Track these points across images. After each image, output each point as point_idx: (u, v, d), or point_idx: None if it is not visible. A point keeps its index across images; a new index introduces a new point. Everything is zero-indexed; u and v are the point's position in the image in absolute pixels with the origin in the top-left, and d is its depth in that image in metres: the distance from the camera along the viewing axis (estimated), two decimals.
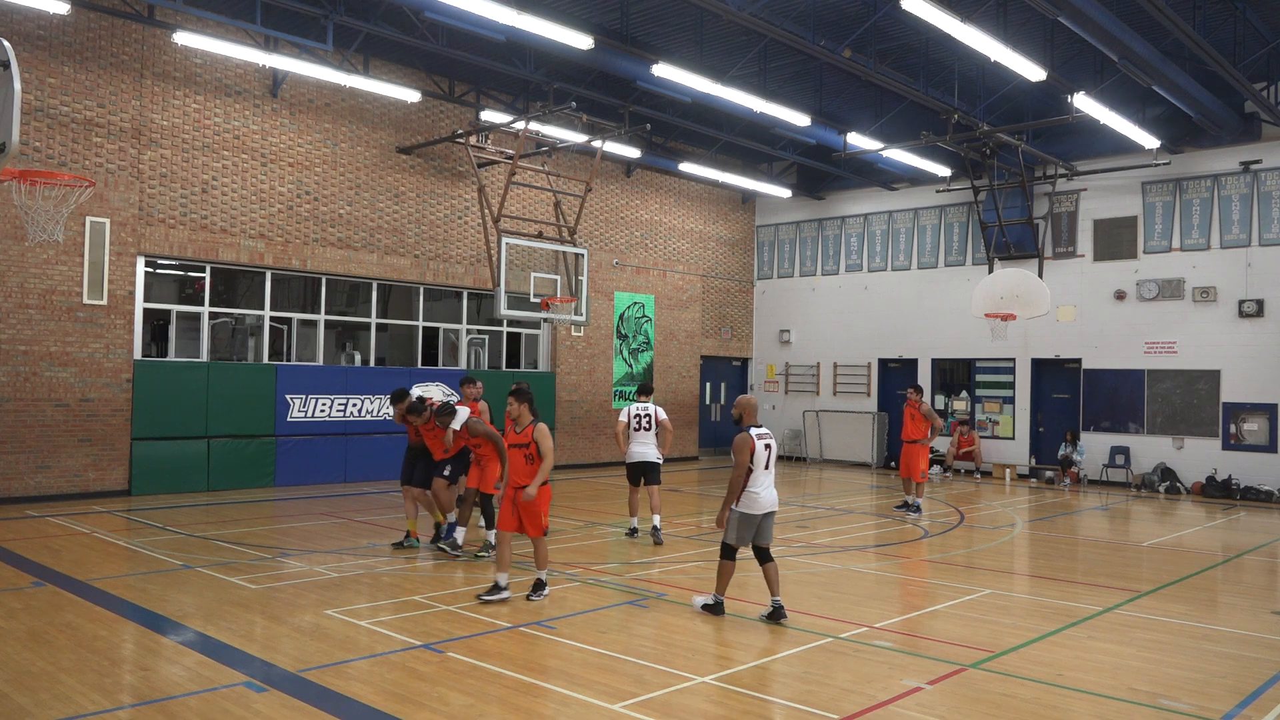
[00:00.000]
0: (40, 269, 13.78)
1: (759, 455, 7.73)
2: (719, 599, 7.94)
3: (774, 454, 7.90)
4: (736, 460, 7.73)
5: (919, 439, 14.45)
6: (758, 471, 7.73)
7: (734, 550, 7.89)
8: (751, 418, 7.96)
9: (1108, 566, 10.93)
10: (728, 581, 7.95)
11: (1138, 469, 19.27)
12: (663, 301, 23.27)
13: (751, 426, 7.86)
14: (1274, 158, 18.19)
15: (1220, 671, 6.72)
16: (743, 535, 7.81)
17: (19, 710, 5.46)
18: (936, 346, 22.36)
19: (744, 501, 7.75)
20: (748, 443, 7.71)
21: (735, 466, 7.73)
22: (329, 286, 17.44)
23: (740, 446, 7.73)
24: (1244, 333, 18.26)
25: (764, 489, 7.77)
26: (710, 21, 15.26)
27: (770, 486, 7.86)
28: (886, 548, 11.83)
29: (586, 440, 21.40)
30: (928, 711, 5.72)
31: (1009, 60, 13.32)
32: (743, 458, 7.70)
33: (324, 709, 5.59)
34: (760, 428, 7.89)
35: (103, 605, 7.91)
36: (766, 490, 7.80)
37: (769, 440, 7.89)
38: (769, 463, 7.82)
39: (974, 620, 8.04)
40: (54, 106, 13.94)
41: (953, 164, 20.66)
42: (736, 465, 7.72)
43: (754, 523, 7.80)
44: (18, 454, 13.57)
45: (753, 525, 7.81)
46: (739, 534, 7.81)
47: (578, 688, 6.01)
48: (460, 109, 18.81)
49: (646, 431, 11.83)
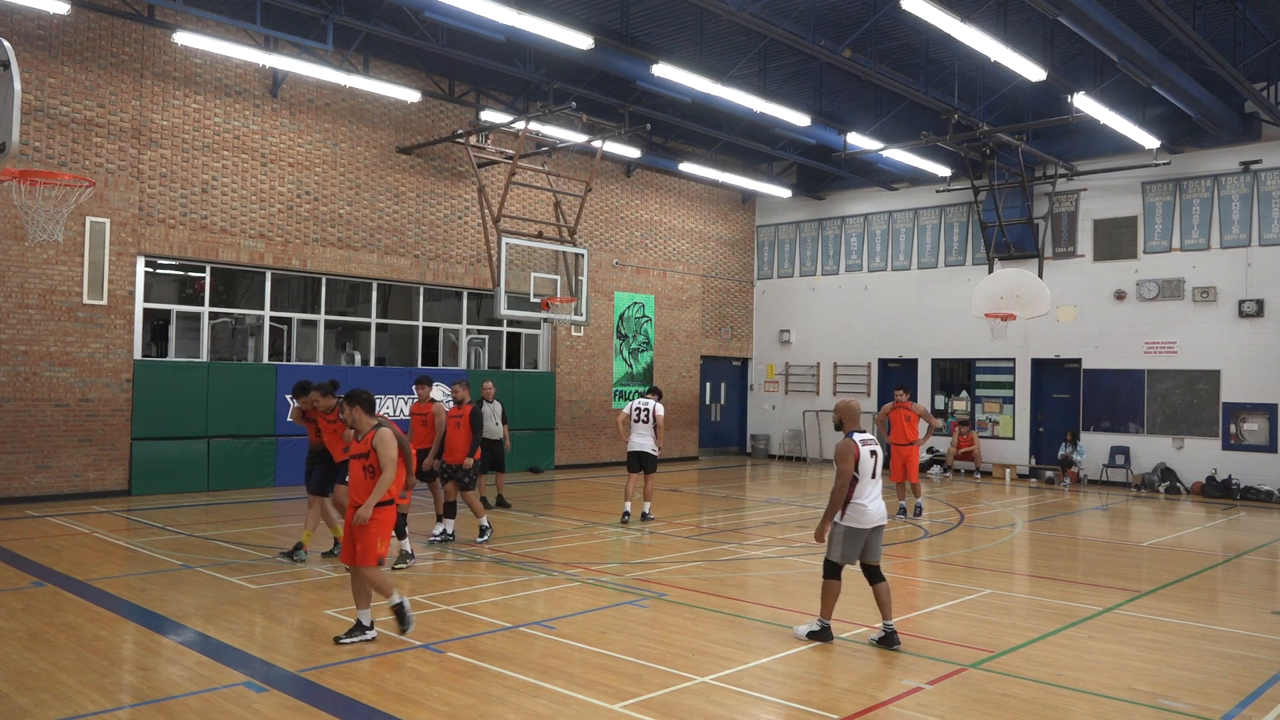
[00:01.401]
0: (40, 269, 13.78)
1: (864, 463, 7.12)
2: (825, 624, 7.22)
3: (879, 461, 7.25)
4: (840, 469, 7.08)
5: (915, 440, 14.06)
6: (864, 481, 7.10)
7: (838, 569, 7.20)
8: (853, 423, 7.36)
9: (1108, 566, 10.92)
10: (834, 603, 7.23)
11: (1138, 469, 19.26)
12: (663, 301, 23.27)
13: (854, 432, 7.24)
14: (1274, 158, 18.19)
15: (1220, 671, 6.72)
16: (849, 552, 7.14)
17: (19, 710, 5.46)
18: (936, 346, 22.36)
19: (850, 514, 7.11)
20: (851, 449, 7.10)
21: (838, 476, 7.10)
22: (329, 286, 17.44)
23: (843, 454, 7.10)
24: (1244, 333, 18.26)
25: (872, 500, 7.13)
26: (710, 21, 15.26)
27: (878, 498, 7.20)
28: (886, 548, 11.81)
29: (586, 440, 21.41)
30: (928, 711, 5.72)
31: (1009, 60, 13.32)
32: (846, 466, 7.07)
33: (324, 709, 5.59)
34: (864, 433, 7.26)
35: (103, 605, 7.91)
36: (874, 501, 7.15)
37: (874, 446, 7.24)
38: (876, 471, 7.18)
39: (974, 620, 8.04)
40: (54, 106, 13.94)
41: (953, 164, 20.66)
42: (839, 474, 7.09)
43: (862, 538, 7.13)
44: (18, 454, 13.57)
45: (860, 540, 7.13)
46: (844, 550, 7.13)
47: (578, 688, 6.01)
48: (460, 109, 18.81)
49: (645, 424, 12.89)
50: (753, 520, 14.10)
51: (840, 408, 7.50)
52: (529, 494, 16.13)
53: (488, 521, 11.27)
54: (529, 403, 19.87)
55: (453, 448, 10.82)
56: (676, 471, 20.85)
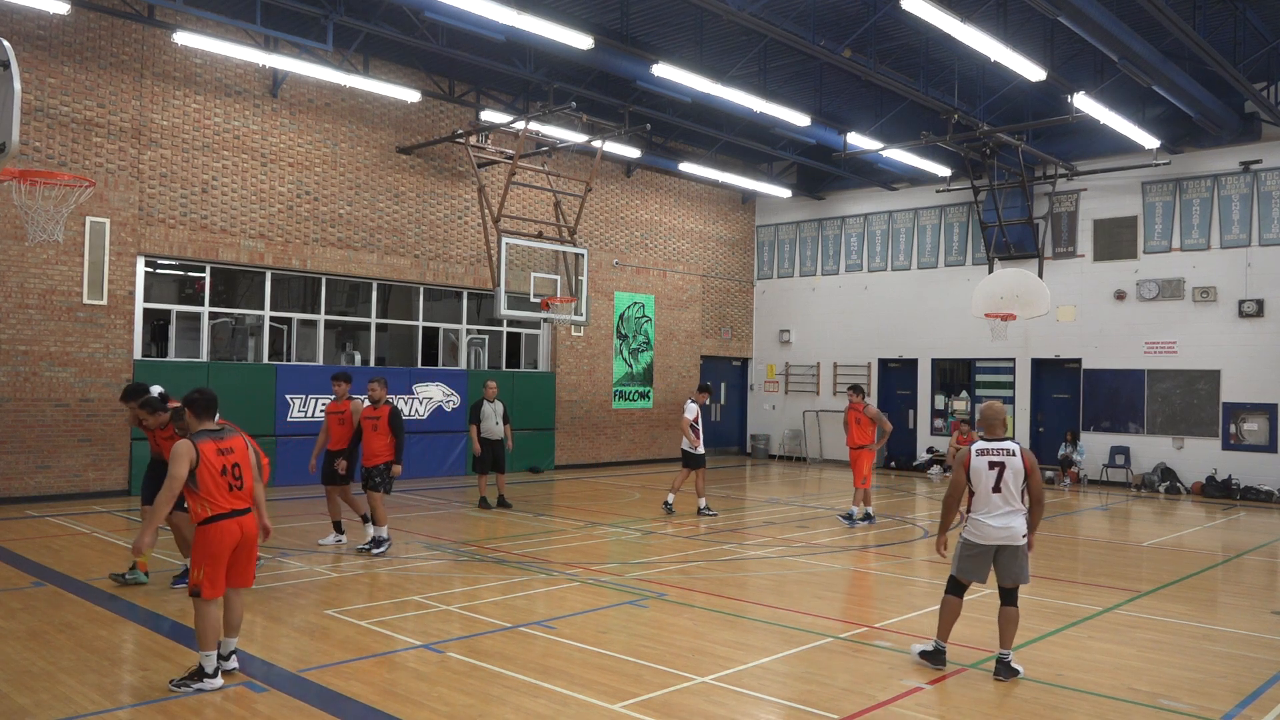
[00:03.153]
0: (40, 269, 13.78)
1: (977, 473, 6.52)
2: (939, 645, 6.64)
3: (1011, 473, 6.48)
4: (953, 478, 6.70)
5: (865, 444, 13.41)
6: (981, 494, 6.51)
7: (959, 585, 6.67)
8: (992, 429, 6.65)
9: (1108, 566, 10.92)
10: (950, 622, 6.65)
11: (1138, 469, 19.26)
12: (663, 301, 23.26)
13: (991, 440, 6.60)
14: (1274, 158, 18.19)
15: (1220, 671, 6.72)
16: (966, 568, 6.61)
17: (19, 710, 5.46)
18: (936, 346, 22.36)
19: (970, 528, 6.59)
20: (964, 458, 6.61)
21: (950, 484, 6.74)
22: (329, 286, 17.44)
23: (958, 461, 6.67)
24: (1244, 333, 18.26)
25: (991, 516, 6.48)
26: (710, 21, 15.26)
27: (1003, 514, 6.47)
28: (886, 548, 11.83)
29: (586, 440, 21.40)
30: (928, 711, 5.72)
31: (1009, 60, 13.31)
32: (957, 475, 6.64)
33: (324, 709, 5.59)
34: (998, 440, 6.57)
35: (103, 605, 7.91)
36: (996, 518, 6.47)
37: (1000, 457, 6.49)
38: (999, 484, 6.47)
39: (974, 620, 8.03)
40: (54, 106, 13.94)
41: (953, 164, 20.66)
42: (951, 483, 6.72)
43: (983, 555, 6.55)
44: (18, 454, 13.57)
45: (982, 558, 6.56)
46: (961, 566, 6.64)
47: (578, 688, 6.01)
48: (460, 109, 18.81)
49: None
50: (753, 520, 14.10)
51: (980, 410, 6.89)
52: (529, 494, 16.14)
53: (388, 534, 10.38)
54: (529, 403, 19.87)
55: (370, 451, 10.31)
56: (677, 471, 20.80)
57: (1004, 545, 6.50)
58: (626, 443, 22.35)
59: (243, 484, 6.07)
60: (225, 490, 5.95)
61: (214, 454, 5.95)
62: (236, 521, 5.97)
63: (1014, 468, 6.49)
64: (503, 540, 11.48)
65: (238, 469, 6.05)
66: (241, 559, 6.08)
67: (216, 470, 5.92)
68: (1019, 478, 6.50)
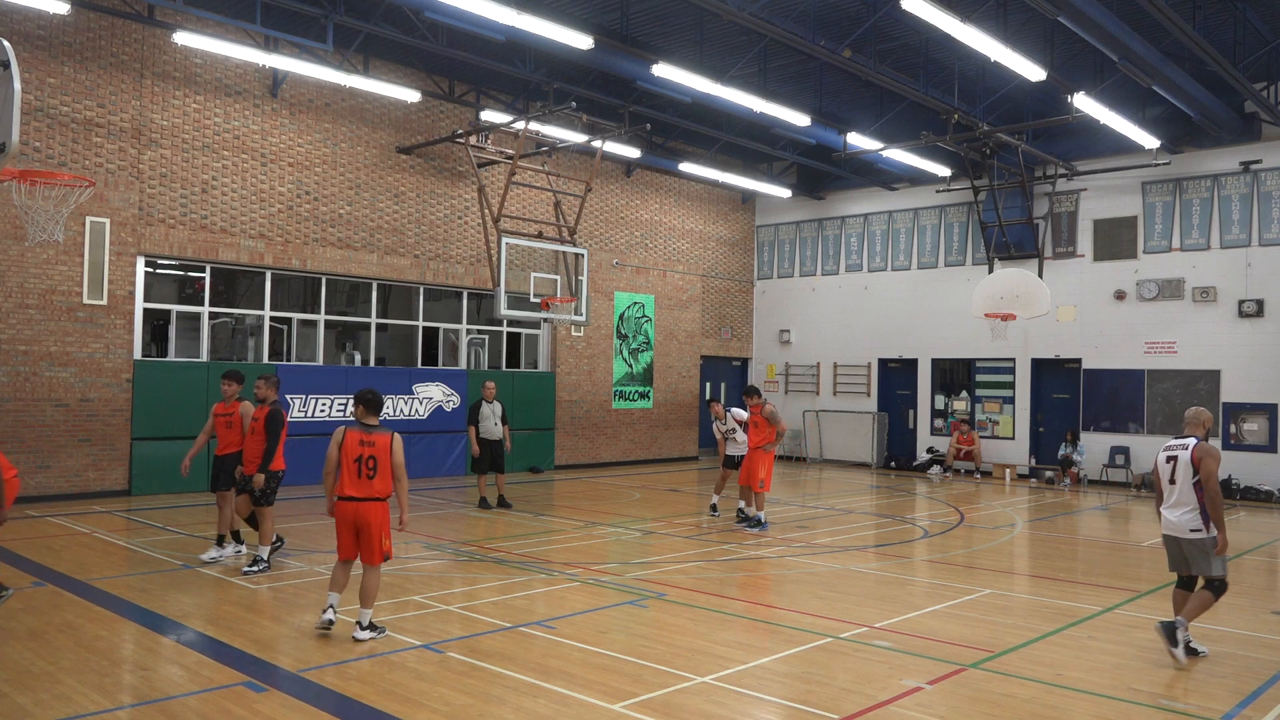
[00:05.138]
0: (40, 269, 13.78)
1: (1160, 470, 7.10)
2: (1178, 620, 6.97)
3: (1181, 468, 6.92)
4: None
5: (762, 444, 12.61)
6: (1162, 487, 7.09)
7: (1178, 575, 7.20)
8: (1193, 428, 7.11)
9: (1108, 566, 10.93)
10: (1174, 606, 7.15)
11: (1138, 469, 19.25)
12: (663, 301, 23.26)
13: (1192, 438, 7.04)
14: (1274, 158, 18.19)
15: (1220, 671, 6.72)
16: (1169, 559, 7.19)
17: (19, 710, 5.46)
18: (936, 346, 22.36)
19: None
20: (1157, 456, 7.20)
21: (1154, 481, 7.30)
22: (329, 286, 17.44)
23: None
24: (1244, 333, 18.26)
25: (1165, 507, 7.07)
26: (710, 21, 15.26)
27: (1173, 506, 7.00)
28: (886, 548, 11.83)
29: (586, 440, 21.40)
30: (928, 711, 5.72)
31: (1009, 60, 13.31)
32: (1154, 473, 7.24)
33: (324, 709, 5.60)
34: (1183, 439, 7.06)
35: (103, 605, 7.91)
36: (1167, 509, 7.05)
37: (1174, 452, 7.02)
38: (1174, 476, 6.98)
39: (974, 620, 8.03)
40: (54, 106, 13.94)
41: (953, 164, 20.66)
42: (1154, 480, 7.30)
43: (1168, 544, 7.13)
44: (18, 454, 13.54)
45: (1168, 547, 7.13)
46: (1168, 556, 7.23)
47: (578, 688, 6.01)
48: (460, 109, 18.81)
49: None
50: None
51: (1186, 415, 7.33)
52: (529, 494, 16.14)
53: (269, 551, 9.43)
54: (529, 403, 19.87)
55: (249, 456, 9.40)
56: (676, 471, 20.86)
57: (1174, 536, 6.97)
58: (626, 443, 22.35)
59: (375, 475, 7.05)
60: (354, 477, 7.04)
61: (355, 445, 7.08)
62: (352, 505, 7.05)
63: (1184, 460, 6.89)
64: (503, 540, 11.48)
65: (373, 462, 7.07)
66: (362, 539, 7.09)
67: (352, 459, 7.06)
68: (1188, 470, 6.86)
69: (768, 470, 12.63)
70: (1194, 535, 6.86)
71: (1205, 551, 6.87)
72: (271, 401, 9.40)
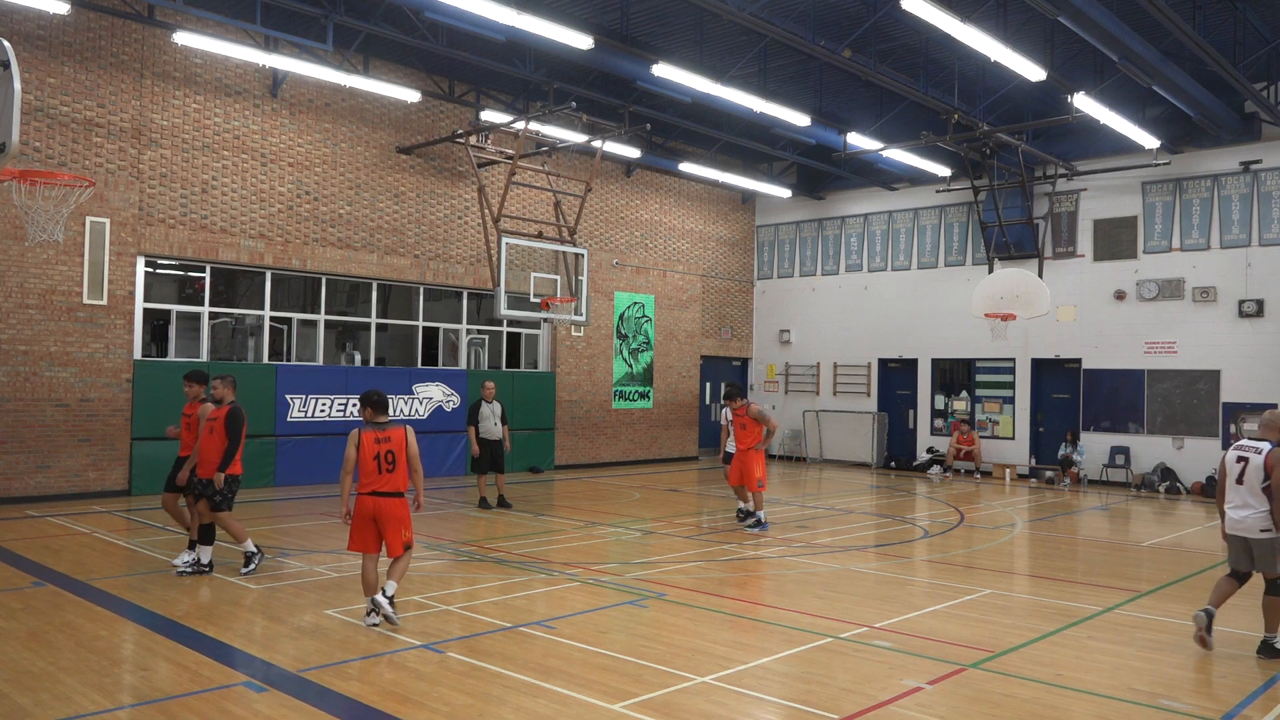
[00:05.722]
0: (40, 269, 13.78)
1: (1227, 468, 7.26)
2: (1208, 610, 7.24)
3: (1252, 470, 7.06)
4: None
5: (754, 444, 12.62)
6: (1228, 486, 7.22)
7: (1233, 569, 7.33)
8: (1269, 432, 7.23)
9: (1108, 566, 10.93)
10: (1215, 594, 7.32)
11: (1138, 469, 19.26)
12: (663, 301, 23.26)
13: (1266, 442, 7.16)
14: (1274, 158, 18.19)
15: (1220, 671, 6.72)
16: (1229, 553, 7.35)
17: (19, 710, 5.46)
18: (936, 346, 22.36)
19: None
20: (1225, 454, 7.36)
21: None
22: (329, 286, 17.44)
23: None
24: (1244, 333, 18.26)
25: (1230, 507, 7.22)
26: (710, 21, 15.26)
27: (1238, 506, 7.16)
28: (886, 548, 11.83)
29: (586, 440, 21.40)
30: (928, 711, 5.72)
31: (1009, 60, 13.31)
32: (1220, 471, 7.41)
33: (324, 709, 5.59)
34: (1256, 440, 7.22)
35: (103, 605, 7.91)
36: (1233, 509, 7.19)
37: (1242, 452, 7.19)
38: (1242, 476, 7.12)
39: (974, 620, 8.03)
40: (54, 106, 13.94)
41: (953, 164, 20.66)
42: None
43: (1231, 542, 7.27)
44: (18, 454, 13.57)
45: (1232, 545, 7.27)
46: (1228, 554, 7.38)
47: (578, 688, 6.01)
48: (460, 109, 18.82)
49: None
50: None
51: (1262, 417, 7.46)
52: (529, 494, 16.14)
53: (255, 546, 9.26)
54: (529, 403, 19.87)
55: (204, 458, 9.00)
56: (676, 471, 20.85)
57: (1242, 536, 7.08)
58: (626, 443, 22.35)
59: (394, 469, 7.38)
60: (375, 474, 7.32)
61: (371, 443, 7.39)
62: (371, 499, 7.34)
63: (1255, 464, 7.02)
64: (503, 540, 11.48)
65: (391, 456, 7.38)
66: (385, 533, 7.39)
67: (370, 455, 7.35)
68: (1258, 474, 6.98)
69: (763, 469, 12.69)
70: (1264, 535, 7.03)
71: (1275, 551, 7.04)
72: (230, 401, 9.12)
